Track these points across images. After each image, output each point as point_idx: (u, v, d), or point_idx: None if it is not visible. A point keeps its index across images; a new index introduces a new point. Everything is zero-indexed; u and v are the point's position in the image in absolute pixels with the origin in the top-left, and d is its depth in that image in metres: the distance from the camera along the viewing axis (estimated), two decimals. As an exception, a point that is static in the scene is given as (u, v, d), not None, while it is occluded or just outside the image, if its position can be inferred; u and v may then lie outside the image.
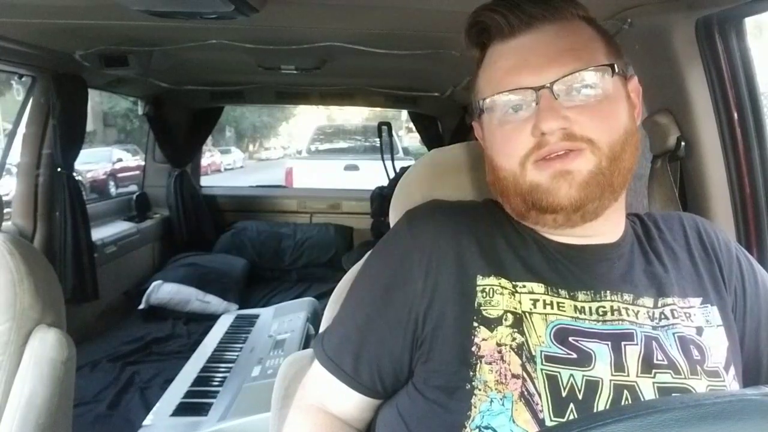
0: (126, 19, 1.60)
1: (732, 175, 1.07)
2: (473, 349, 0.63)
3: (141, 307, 3.04)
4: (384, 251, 0.75)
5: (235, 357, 2.20)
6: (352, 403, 0.73)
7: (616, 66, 0.66)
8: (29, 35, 1.90)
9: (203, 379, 2.00)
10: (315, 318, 2.48)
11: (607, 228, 0.70)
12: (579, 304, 0.66)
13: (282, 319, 2.49)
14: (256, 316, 2.66)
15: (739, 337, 0.71)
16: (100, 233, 3.02)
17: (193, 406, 1.78)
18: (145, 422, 1.69)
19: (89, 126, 3.30)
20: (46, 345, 0.99)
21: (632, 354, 0.63)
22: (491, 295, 0.66)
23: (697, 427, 0.37)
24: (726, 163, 1.07)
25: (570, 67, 0.64)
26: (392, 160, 3.56)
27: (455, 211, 0.75)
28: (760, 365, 0.72)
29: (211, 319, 2.83)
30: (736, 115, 1.06)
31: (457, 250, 0.69)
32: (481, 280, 0.67)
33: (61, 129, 2.43)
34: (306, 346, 2.12)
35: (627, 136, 0.66)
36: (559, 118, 0.63)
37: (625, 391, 0.61)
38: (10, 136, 2.49)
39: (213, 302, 3.12)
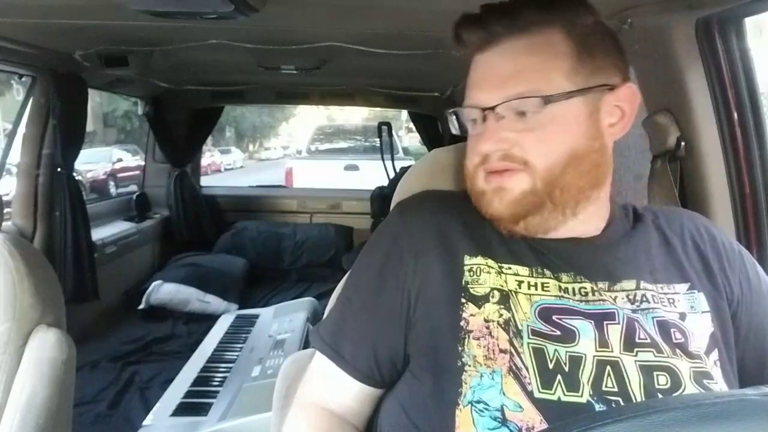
0: (126, 19, 1.60)
1: (732, 175, 1.07)
2: (462, 323, 0.66)
3: (141, 307, 3.04)
4: (377, 239, 0.78)
5: (235, 357, 2.20)
6: (351, 393, 0.74)
7: (556, 96, 0.66)
8: (29, 35, 1.90)
9: (203, 379, 2.00)
10: (315, 318, 2.48)
11: (585, 227, 0.72)
12: (563, 285, 0.68)
13: (282, 319, 2.50)
14: (256, 316, 2.66)
15: (744, 334, 0.71)
16: (100, 233, 3.02)
17: (193, 406, 1.78)
18: (145, 422, 1.69)
19: (89, 126, 3.29)
20: (46, 345, 0.99)
21: (614, 332, 0.65)
22: (478, 274, 0.69)
23: (697, 427, 0.37)
24: (726, 163, 1.07)
25: (513, 92, 0.66)
26: (392, 160, 3.56)
27: (445, 199, 0.79)
28: (764, 364, 0.72)
29: (211, 319, 2.83)
30: (736, 115, 1.06)
31: (445, 233, 0.72)
32: (468, 260, 0.70)
33: (61, 129, 2.43)
34: (306, 346, 2.11)
35: (571, 157, 0.67)
36: (498, 141, 0.68)
37: (608, 367, 0.63)
38: (10, 136, 2.49)
39: (213, 302, 3.12)
